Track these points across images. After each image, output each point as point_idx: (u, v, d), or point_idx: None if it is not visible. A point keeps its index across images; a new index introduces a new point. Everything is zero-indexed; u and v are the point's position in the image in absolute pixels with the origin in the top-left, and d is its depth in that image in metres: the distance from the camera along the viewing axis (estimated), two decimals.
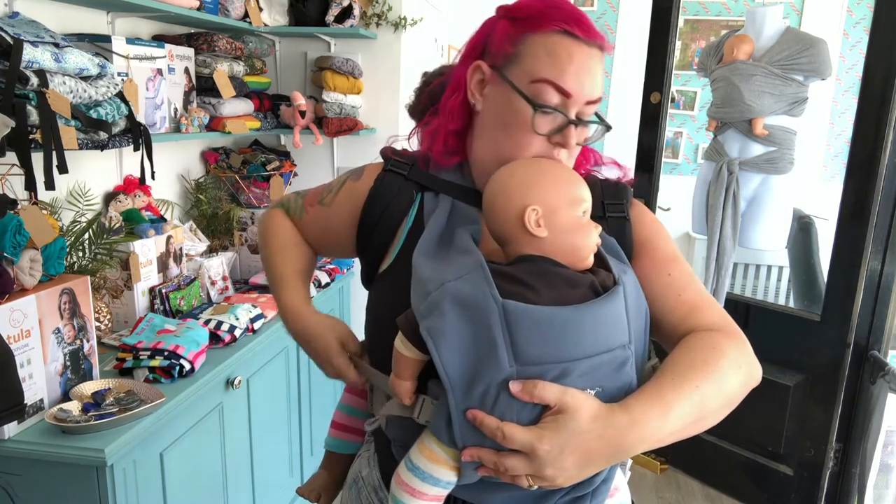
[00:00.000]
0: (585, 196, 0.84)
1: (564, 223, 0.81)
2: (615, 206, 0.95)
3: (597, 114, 0.90)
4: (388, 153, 1.02)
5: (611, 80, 4.62)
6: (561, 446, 0.72)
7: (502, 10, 0.91)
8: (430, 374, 0.81)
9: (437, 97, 1.13)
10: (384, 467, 0.99)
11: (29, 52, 1.44)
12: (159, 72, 2.06)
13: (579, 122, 0.87)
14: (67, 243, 1.62)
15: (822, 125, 4.45)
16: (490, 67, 0.90)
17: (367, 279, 1.02)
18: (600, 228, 0.84)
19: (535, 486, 0.75)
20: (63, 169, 1.48)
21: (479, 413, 0.74)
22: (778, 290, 4.16)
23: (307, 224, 1.07)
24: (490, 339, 0.74)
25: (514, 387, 0.73)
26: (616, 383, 0.77)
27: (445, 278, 0.78)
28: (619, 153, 1.00)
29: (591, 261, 0.83)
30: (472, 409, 0.74)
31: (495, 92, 0.90)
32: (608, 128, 0.92)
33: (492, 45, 0.90)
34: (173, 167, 2.48)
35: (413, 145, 1.08)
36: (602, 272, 0.82)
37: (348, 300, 2.82)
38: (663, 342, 0.90)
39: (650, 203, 2.85)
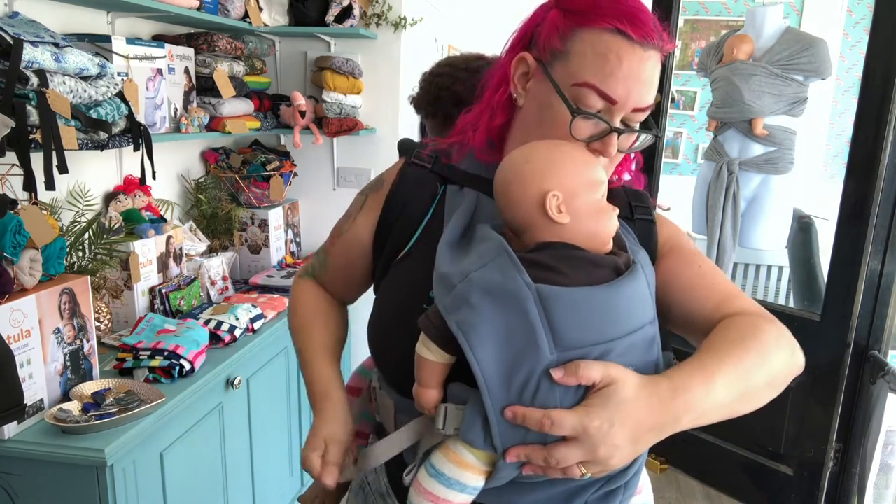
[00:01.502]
0: (603, 178, 0.81)
1: (585, 208, 0.78)
2: (642, 208, 0.93)
3: (648, 119, 0.86)
4: (409, 145, 0.99)
5: None
6: (611, 420, 0.68)
7: None
8: (449, 378, 0.78)
9: (444, 87, 1.12)
10: (391, 473, 0.97)
11: (29, 52, 1.44)
12: (159, 72, 2.07)
13: (622, 129, 0.82)
14: (67, 243, 1.62)
15: (822, 125, 4.45)
16: (535, 61, 0.85)
17: (380, 281, 0.98)
18: (618, 211, 0.81)
19: (589, 475, 0.71)
20: (63, 169, 1.48)
21: (520, 409, 0.70)
22: (778, 290, 4.16)
23: (332, 267, 1.03)
24: (528, 327, 0.70)
25: (557, 373, 0.70)
26: (646, 361, 0.75)
27: (469, 268, 0.74)
28: None
29: (611, 245, 0.81)
30: (511, 407, 0.71)
31: (538, 88, 0.85)
32: (656, 136, 0.87)
33: (539, 37, 0.85)
34: (173, 167, 2.48)
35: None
36: (622, 254, 0.80)
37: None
38: (698, 336, 0.85)
39: None
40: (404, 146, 1.02)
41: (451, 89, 1.22)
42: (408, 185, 0.94)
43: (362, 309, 1.10)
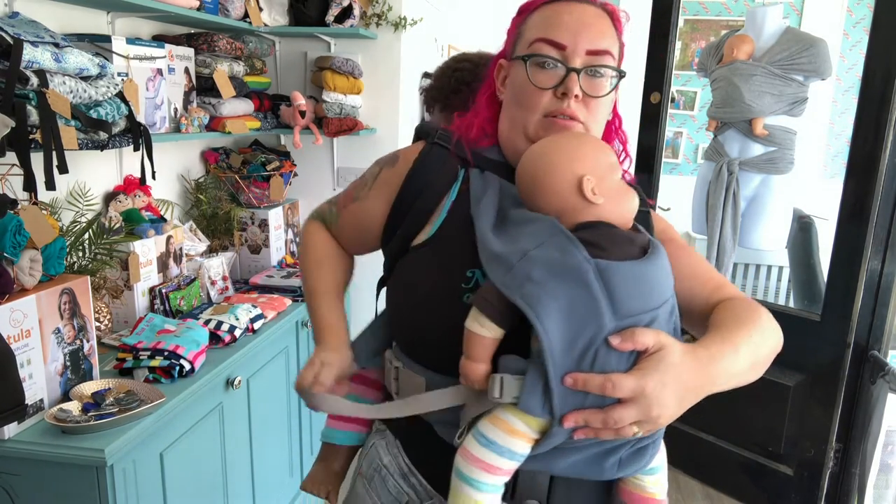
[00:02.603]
0: (617, 162, 0.89)
1: (613, 188, 0.86)
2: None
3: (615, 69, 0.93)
4: (429, 128, 1.04)
5: None
6: (663, 382, 0.75)
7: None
8: (499, 351, 0.82)
9: (464, 82, 1.17)
10: (414, 452, 0.98)
11: (29, 52, 1.44)
12: (159, 72, 2.07)
13: (581, 70, 0.89)
14: (67, 243, 1.62)
15: (822, 125, 4.45)
16: (506, 59, 0.98)
17: (394, 260, 1.00)
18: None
19: (640, 433, 0.77)
20: (63, 169, 1.48)
21: (580, 375, 0.76)
22: (778, 290, 4.16)
23: (342, 226, 1.09)
24: (591, 299, 0.76)
25: (615, 340, 0.76)
26: (669, 329, 0.83)
27: (526, 247, 0.80)
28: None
29: (632, 223, 0.88)
30: (572, 374, 0.76)
31: (510, 75, 0.96)
32: (621, 75, 0.94)
33: (506, 41, 0.99)
34: (173, 167, 2.48)
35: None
36: (643, 232, 0.88)
37: (348, 299, 2.82)
38: (692, 317, 0.95)
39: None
40: (424, 129, 1.05)
41: (472, 85, 1.24)
42: (430, 165, 0.98)
43: (359, 311, 1.10)
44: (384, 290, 1.07)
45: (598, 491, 0.93)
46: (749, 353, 0.84)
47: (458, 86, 1.26)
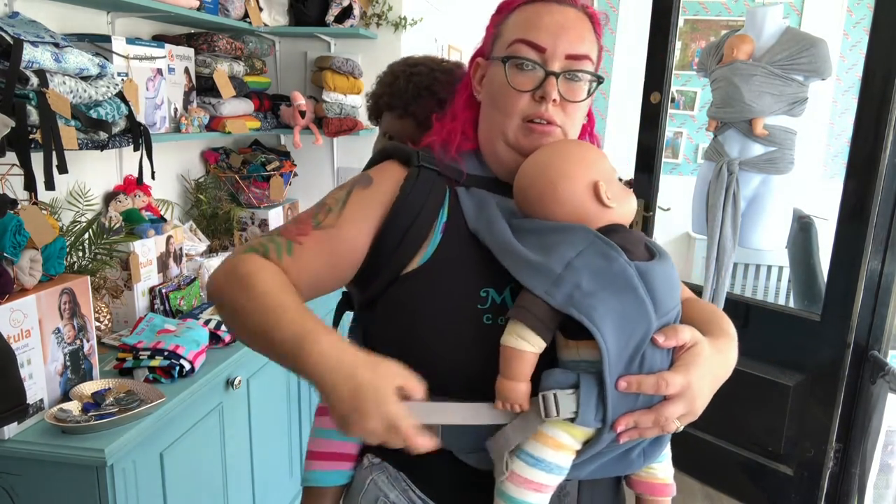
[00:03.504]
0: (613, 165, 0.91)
1: (619, 191, 0.87)
2: None
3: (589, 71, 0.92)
4: (409, 149, 0.96)
5: (611, 80, 4.62)
6: (703, 375, 0.79)
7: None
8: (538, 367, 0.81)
9: (424, 87, 1.15)
10: (426, 484, 0.93)
11: (29, 52, 1.44)
12: (159, 72, 2.07)
13: (559, 74, 0.88)
14: (67, 243, 1.62)
15: (822, 125, 4.45)
16: (484, 59, 0.96)
17: (373, 293, 0.91)
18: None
19: (680, 427, 0.80)
20: (63, 169, 1.49)
21: (633, 377, 0.77)
22: (778, 290, 4.16)
23: (304, 259, 0.87)
24: (638, 301, 0.78)
25: (660, 338, 0.78)
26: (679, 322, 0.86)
27: (566, 255, 0.79)
28: (619, 153, 1.01)
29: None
30: (625, 377, 0.77)
31: (488, 74, 0.95)
32: (599, 80, 0.93)
33: (484, 39, 0.98)
34: (173, 167, 2.48)
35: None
36: (638, 231, 0.91)
37: None
38: None
39: (650, 203, 2.85)
40: (399, 150, 0.97)
41: (431, 88, 1.21)
42: (420, 190, 0.91)
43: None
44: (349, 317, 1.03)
45: (614, 486, 0.95)
46: (736, 345, 0.90)
47: (417, 91, 1.22)
